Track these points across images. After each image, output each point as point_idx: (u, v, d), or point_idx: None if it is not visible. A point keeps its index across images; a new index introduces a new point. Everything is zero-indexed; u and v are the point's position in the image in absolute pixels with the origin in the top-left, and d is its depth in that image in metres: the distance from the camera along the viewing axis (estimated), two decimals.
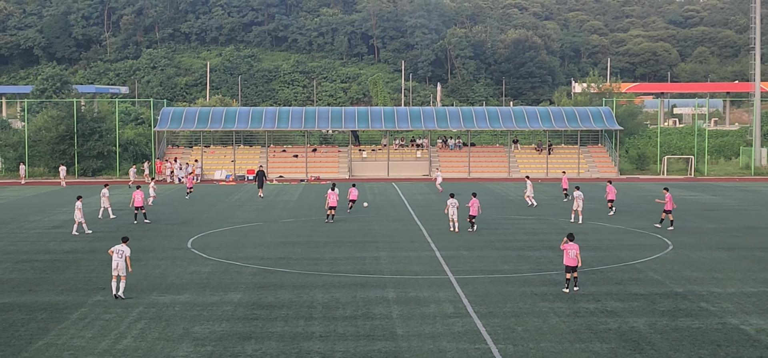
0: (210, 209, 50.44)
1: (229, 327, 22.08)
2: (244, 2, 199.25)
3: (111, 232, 39.54)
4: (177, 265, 31.01)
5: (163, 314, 23.48)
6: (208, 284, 27.42)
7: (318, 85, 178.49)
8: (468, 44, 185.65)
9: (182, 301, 25.04)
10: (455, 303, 24.62)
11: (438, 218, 43.90)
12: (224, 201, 55.93)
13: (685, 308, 23.97)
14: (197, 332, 21.63)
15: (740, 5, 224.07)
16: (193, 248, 35.05)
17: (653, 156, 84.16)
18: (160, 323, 22.52)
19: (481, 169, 80.00)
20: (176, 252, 33.95)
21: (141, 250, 34.20)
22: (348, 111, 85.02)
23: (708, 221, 43.87)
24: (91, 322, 22.62)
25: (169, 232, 40.05)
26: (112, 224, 42.74)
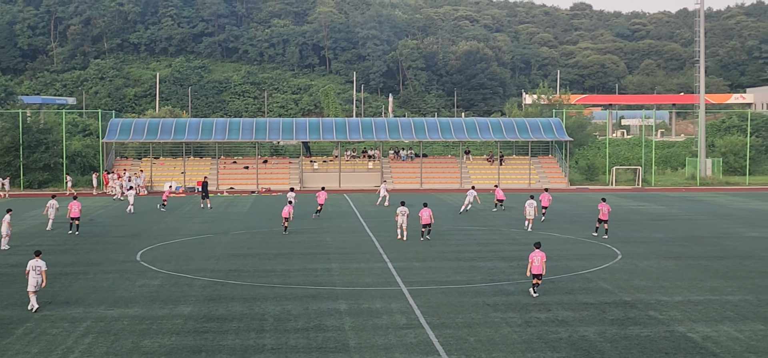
0: (159, 221, 49.90)
1: (179, 341, 21.82)
2: (195, 13, 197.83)
3: (55, 244, 38.91)
4: (126, 278, 30.59)
5: (111, 327, 23.13)
6: (158, 297, 27.08)
7: (269, 96, 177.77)
8: (420, 56, 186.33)
9: (131, 314, 24.69)
10: (408, 314, 24.60)
11: (390, 230, 43.90)
12: (174, 213, 55.36)
13: (634, 317, 24.22)
14: (146, 346, 21.34)
15: (685, 19, 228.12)
16: (143, 260, 34.62)
17: (602, 167, 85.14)
18: (109, 337, 22.18)
19: (433, 181, 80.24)
20: (125, 265, 33.50)
21: (89, 263, 33.71)
22: (299, 122, 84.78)
23: (655, 231, 44.44)
24: (37, 337, 22.20)
25: (117, 244, 39.53)
26: (56, 237, 42.05)
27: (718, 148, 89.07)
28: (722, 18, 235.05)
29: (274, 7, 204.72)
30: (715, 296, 27.05)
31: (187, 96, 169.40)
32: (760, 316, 24.36)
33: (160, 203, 58.75)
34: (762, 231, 44.73)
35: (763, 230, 45.03)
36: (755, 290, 28.18)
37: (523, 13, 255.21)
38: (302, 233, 43.89)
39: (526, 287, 28.40)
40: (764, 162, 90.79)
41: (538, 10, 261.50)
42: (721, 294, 27.44)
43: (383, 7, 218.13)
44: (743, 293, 27.66)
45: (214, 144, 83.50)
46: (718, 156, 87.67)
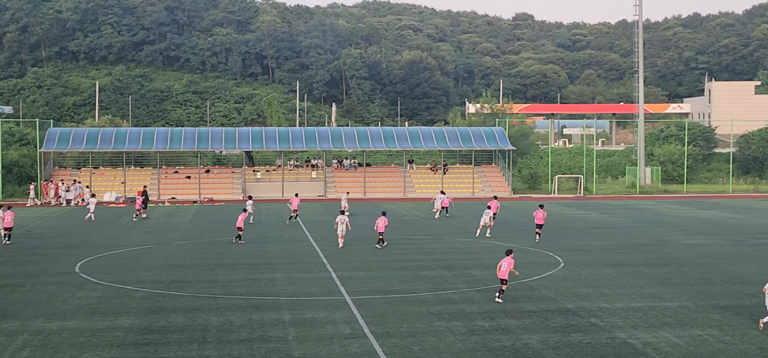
0: (99, 232, 49.12)
1: (120, 353, 21.45)
2: (135, 21, 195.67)
3: None
4: (64, 290, 30.02)
5: (49, 341, 22.66)
6: (98, 310, 26.61)
7: (211, 105, 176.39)
8: (363, 65, 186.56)
9: (70, 327, 24.22)
10: (352, 324, 24.53)
11: (333, 239, 43.79)
12: (114, 223, 54.56)
13: (576, 324, 24.45)
14: None
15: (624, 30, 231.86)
16: (82, 272, 34.01)
17: (545, 175, 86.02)
18: (47, 350, 21.72)
19: (376, 190, 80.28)
20: (64, 277, 32.88)
21: (26, 275, 33.03)
22: (242, 132, 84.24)
23: (597, 239, 44.98)
24: None
25: (56, 256, 38.79)
26: None
27: (656, 157, 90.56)
28: (660, 29, 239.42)
29: (217, 15, 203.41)
30: (654, 303, 27.44)
31: (128, 105, 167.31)
32: (698, 322, 24.76)
33: (136, 213, 58.13)
34: (699, 238, 45.54)
35: (701, 238, 45.85)
36: (693, 296, 28.65)
37: (466, 23, 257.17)
38: (245, 243, 43.54)
39: (469, 296, 28.54)
40: (701, 171, 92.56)
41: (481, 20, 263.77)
42: (661, 301, 27.84)
43: (326, 16, 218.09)
44: (682, 299, 28.11)
45: (155, 154, 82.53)
46: (657, 165, 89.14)
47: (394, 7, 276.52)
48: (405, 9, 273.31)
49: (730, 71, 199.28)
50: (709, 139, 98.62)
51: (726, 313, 25.95)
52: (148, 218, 57.94)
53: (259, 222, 55.06)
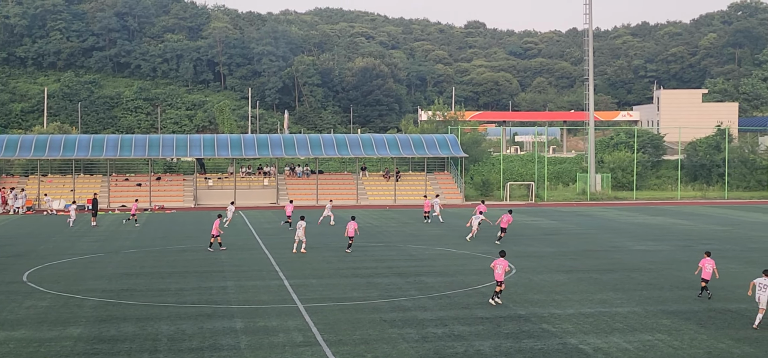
0: (48, 240, 48.39)
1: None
2: (85, 27, 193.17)
3: None
4: (12, 299, 29.51)
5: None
6: (46, 319, 26.20)
7: (162, 112, 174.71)
8: (316, 72, 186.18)
9: (17, 337, 23.81)
10: (304, 332, 24.44)
11: (286, 246, 43.63)
12: (63, 232, 53.78)
13: (528, 330, 24.62)
14: None
15: (575, 39, 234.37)
16: (30, 281, 33.46)
17: (497, 182, 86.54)
18: None
19: (329, 197, 80.00)
20: (11, 286, 32.33)
21: None
22: (193, 139, 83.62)
23: (548, 245, 45.35)
24: None
25: (3, 264, 38.13)
26: None
27: (606, 164, 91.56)
28: (610, 38, 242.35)
29: (168, 21, 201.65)
30: (605, 309, 27.73)
31: (77, 112, 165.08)
32: (647, 327, 25.08)
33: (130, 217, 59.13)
34: (648, 244, 46.13)
35: (650, 243, 46.45)
36: (642, 301, 29.00)
37: (419, 31, 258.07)
38: (197, 251, 43.21)
39: (422, 303, 28.61)
40: (650, 177, 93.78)
41: (433, 27, 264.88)
42: (611, 306, 28.15)
43: (279, 23, 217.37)
44: (632, 305, 28.44)
45: (105, 161, 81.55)
46: (607, 172, 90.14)
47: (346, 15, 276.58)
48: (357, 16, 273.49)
49: (678, 79, 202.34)
50: (658, 146, 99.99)
51: (675, 318, 26.32)
52: (97, 226, 57.17)
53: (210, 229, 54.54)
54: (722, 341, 23.35)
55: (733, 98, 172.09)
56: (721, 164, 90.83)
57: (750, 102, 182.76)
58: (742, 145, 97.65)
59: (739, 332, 24.41)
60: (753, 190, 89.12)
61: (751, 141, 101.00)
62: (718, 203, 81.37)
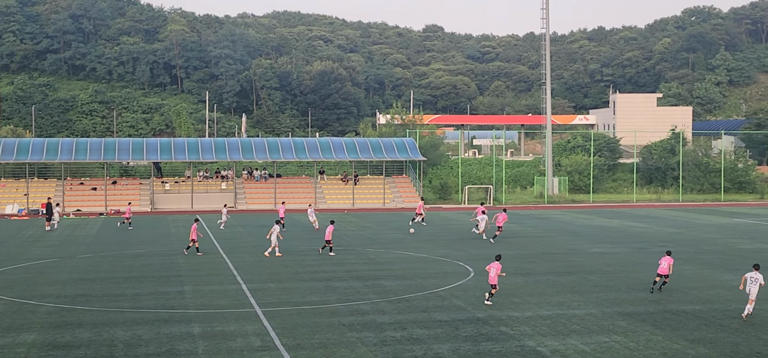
0: (1, 246, 47.63)
1: None
2: (39, 29, 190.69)
3: None
4: None
5: None
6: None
7: (118, 115, 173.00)
8: (273, 75, 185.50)
9: None
10: (262, 336, 24.30)
11: (244, 250, 43.36)
12: (16, 237, 52.99)
13: (487, 333, 24.70)
14: None
15: (532, 43, 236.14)
16: None
17: (455, 186, 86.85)
18: None
19: (287, 201, 79.77)
20: None
21: None
22: (150, 142, 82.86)
23: (506, 248, 45.55)
24: None
25: None
26: None
27: (564, 168, 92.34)
28: (566, 42, 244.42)
29: (124, 24, 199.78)
30: (562, 311, 27.92)
31: (31, 115, 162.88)
32: (604, 328, 25.29)
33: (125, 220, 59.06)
34: (605, 247, 46.56)
35: (607, 246, 46.88)
36: (599, 303, 29.25)
37: (377, 34, 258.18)
38: (153, 255, 42.80)
39: (381, 307, 28.59)
40: (606, 181, 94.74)
41: (392, 31, 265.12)
42: (568, 308, 28.34)
43: (236, 26, 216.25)
44: (588, 307, 28.66)
45: (59, 165, 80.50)
46: (564, 175, 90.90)
47: (304, 18, 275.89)
48: (315, 19, 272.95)
49: (633, 83, 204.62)
50: (614, 149, 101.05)
51: (631, 319, 26.57)
52: (54, 229, 56.39)
53: (167, 234, 54.18)
54: (677, 343, 23.62)
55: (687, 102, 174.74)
56: (675, 167, 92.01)
57: (703, 106, 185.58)
58: (696, 148, 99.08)
59: (694, 333, 24.71)
60: (707, 193, 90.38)
61: (705, 144, 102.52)
62: (673, 205, 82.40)
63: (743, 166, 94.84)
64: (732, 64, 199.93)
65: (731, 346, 23.24)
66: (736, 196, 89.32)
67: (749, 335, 24.51)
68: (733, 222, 62.76)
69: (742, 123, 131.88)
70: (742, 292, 31.27)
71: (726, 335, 24.54)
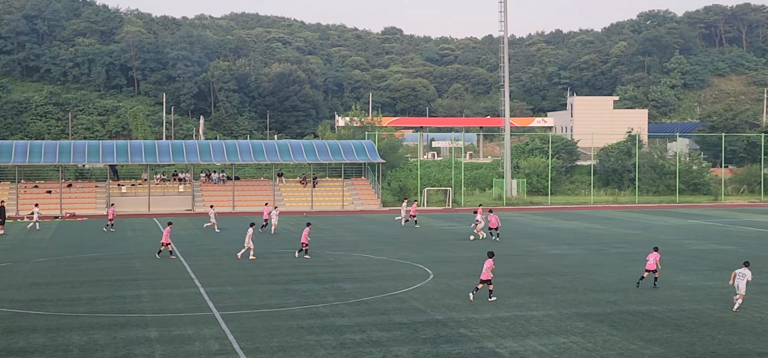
0: None
1: None
2: None
3: None
4: None
5: None
6: None
7: (74, 117, 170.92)
8: (232, 77, 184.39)
9: None
10: (221, 340, 24.12)
11: (202, 254, 43.04)
12: None
13: (446, 335, 24.74)
14: None
15: (490, 46, 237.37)
16: None
17: (414, 188, 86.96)
18: None
19: (245, 203, 79.38)
20: None
21: None
22: (106, 145, 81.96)
23: (465, 250, 45.71)
24: None
25: None
26: None
27: (522, 170, 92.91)
28: (524, 45, 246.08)
29: (79, 25, 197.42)
30: (521, 312, 28.05)
31: None
32: (562, 330, 25.45)
33: None
34: (563, 248, 46.89)
35: (564, 247, 47.22)
36: (557, 304, 29.44)
37: (336, 37, 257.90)
38: (109, 259, 42.32)
39: (340, 309, 28.54)
40: (564, 183, 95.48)
41: (350, 33, 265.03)
42: (527, 310, 28.49)
43: (194, 27, 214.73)
44: (547, 308, 28.83)
45: (13, 167, 79.27)
46: (523, 177, 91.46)
47: (262, 20, 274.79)
48: (274, 21, 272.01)
49: (590, 86, 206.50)
50: (572, 152, 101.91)
51: (588, 320, 26.77)
52: (5, 234, 55.53)
53: (124, 238, 53.62)
54: (634, 343, 23.84)
55: (643, 105, 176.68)
56: (632, 169, 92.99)
57: (659, 109, 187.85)
58: (652, 151, 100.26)
59: (650, 333, 24.96)
60: (662, 194, 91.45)
61: (661, 147, 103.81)
62: (630, 207, 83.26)
63: (698, 168, 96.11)
64: (686, 68, 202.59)
65: (686, 345, 23.51)
66: (691, 198, 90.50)
67: (704, 334, 24.82)
68: (688, 223, 63.57)
69: (697, 126, 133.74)
70: (697, 292, 31.73)
71: (681, 334, 24.83)
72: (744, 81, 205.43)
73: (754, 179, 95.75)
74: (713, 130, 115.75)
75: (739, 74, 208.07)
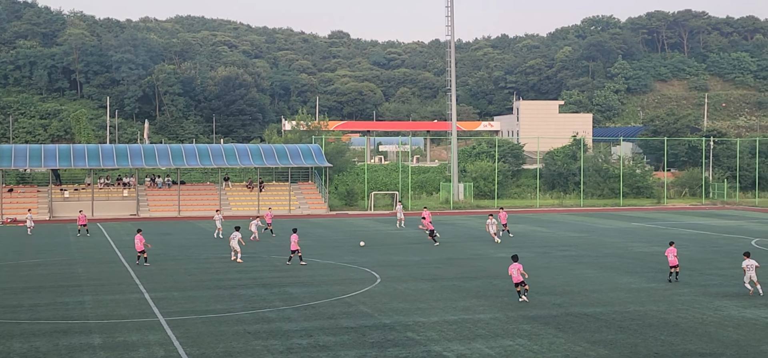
0: None
1: None
2: None
3: None
4: None
5: None
6: None
7: (14, 121, 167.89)
8: (177, 81, 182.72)
9: None
10: (166, 346, 23.83)
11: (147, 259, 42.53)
12: None
13: (393, 339, 24.73)
14: None
15: (437, 50, 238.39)
16: None
17: (361, 192, 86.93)
18: None
19: (191, 208, 78.65)
20: None
21: None
22: (48, 149, 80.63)
23: (413, 254, 45.78)
24: None
25: None
26: None
27: (469, 173, 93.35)
28: (471, 49, 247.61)
29: (20, 27, 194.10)
30: (468, 316, 28.16)
31: None
32: (509, 332, 25.60)
33: None
34: (509, 251, 47.13)
35: (511, 251, 47.49)
36: (504, 307, 29.61)
37: (282, 40, 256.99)
38: (52, 265, 41.61)
39: (287, 314, 28.39)
40: (511, 186, 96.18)
41: (297, 37, 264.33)
42: (474, 313, 28.61)
43: (138, 30, 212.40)
44: (493, 311, 28.98)
45: None
46: (470, 181, 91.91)
47: (208, 23, 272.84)
48: (220, 24, 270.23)
49: (536, 91, 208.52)
50: (518, 155, 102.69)
51: (535, 323, 26.97)
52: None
53: (66, 243, 52.78)
54: (579, 344, 24.07)
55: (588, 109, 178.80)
56: (577, 173, 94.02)
57: (603, 113, 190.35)
58: (597, 154, 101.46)
59: (595, 335, 25.22)
60: (607, 198, 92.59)
61: (605, 151, 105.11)
62: (575, 210, 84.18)
63: (641, 172, 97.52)
64: (630, 73, 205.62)
65: (630, 347, 23.79)
66: (635, 201, 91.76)
67: (647, 336, 25.15)
68: (632, 226, 64.44)
69: (640, 130, 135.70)
70: (640, 294, 32.17)
71: (625, 336, 25.13)
72: (685, 86, 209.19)
73: (695, 182, 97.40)
74: (656, 135, 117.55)
75: (681, 79, 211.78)
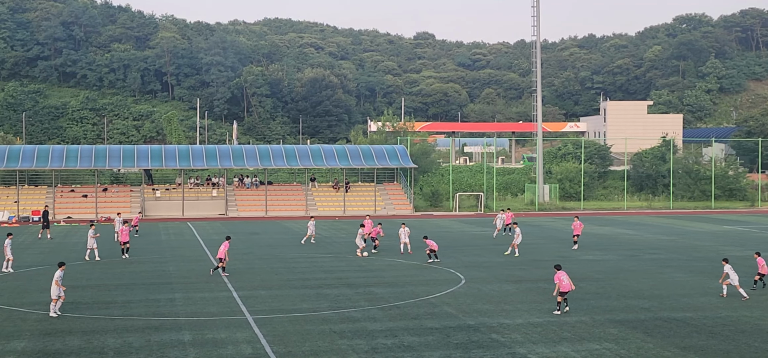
0: None
1: None
2: (29, 36, 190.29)
3: None
4: None
5: None
6: None
7: (109, 122, 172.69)
8: (265, 82, 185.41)
9: None
10: (253, 344, 24.23)
11: (235, 258, 43.27)
12: None
13: (478, 340, 24.68)
14: None
15: (523, 50, 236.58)
16: None
17: (446, 193, 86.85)
18: None
19: (278, 208, 79.74)
20: None
21: None
22: (141, 149, 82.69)
23: (497, 255, 45.56)
24: None
25: None
26: None
27: (555, 175, 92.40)
28: (557, 50, 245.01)
29: (114, 31, 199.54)
30: (553, 318, 27.90)
31: (21, 122, 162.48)
32: (595, 336, 25.28)
33: None
34: (596, 254, 46.59)
35: (597, 253, 46.92)
36: (590, 310, 29.25)
37: (368, 42, 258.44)
38: (144, 262, 42.68)
39: (372, 314, 28.55)
40: (597, 188, 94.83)
41: (383, 38, 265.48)
42: (560, 316, 28.32)
43: (227, 33, 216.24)
44: (580, 314, 28.66)
45: (50, 172, 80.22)
46: (555, 182, 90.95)
47: (295, 25, 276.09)
48: (306, 27, 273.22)
49: (623, 91, 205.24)
50: (605, 157, 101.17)
51: (622, 327, 26.58)
52: (51, 238, 56.03)
53: (158, 241, 54.05)
54: (668, 350, 23.63)
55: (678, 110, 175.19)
56: (666, 175, 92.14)
57: (694, 113, 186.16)
58: (687, 156, 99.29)
59: (685, 340, 24.73)
60: (697, 200, 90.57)
61: (695, 152, 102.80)
62: (664, 213, 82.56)
63: (734, 173, 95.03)
64: (722, 72, 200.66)
65: (722, 353, 23.27)
66: (727, 203, 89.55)
67: (740, 342, 24.55)
68: (724, 230, 62.92)
69: (733, 131, 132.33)
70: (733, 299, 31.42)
71: (717, 342, 24.58)
72: None
73: None
74: (749, 135, 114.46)
75: None
